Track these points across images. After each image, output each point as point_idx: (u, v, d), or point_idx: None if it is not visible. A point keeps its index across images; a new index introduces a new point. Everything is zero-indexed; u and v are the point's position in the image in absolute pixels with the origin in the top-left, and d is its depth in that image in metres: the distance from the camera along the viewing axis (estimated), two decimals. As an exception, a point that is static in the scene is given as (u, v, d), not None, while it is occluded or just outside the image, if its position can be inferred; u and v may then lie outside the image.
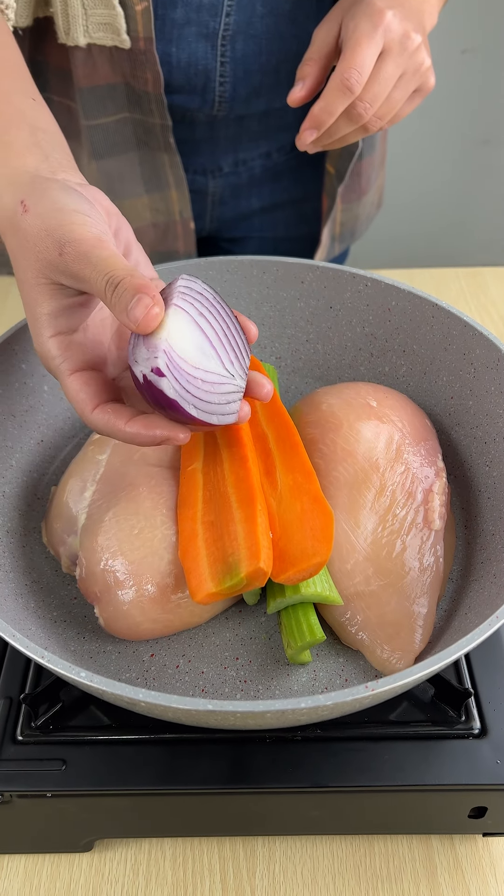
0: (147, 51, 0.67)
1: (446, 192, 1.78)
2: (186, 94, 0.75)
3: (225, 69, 0.74)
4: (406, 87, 0.62)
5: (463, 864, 0.51)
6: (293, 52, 0.75)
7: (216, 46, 0.72)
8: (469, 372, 0.59)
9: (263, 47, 0.74)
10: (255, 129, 0.83)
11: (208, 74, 0.74)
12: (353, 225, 0.94)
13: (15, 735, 0.49)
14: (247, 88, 0.76)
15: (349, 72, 0.58)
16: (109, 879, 0.51)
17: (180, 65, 0.72)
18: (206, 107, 0.77)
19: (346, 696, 0.37)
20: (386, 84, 0.60)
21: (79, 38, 0.66)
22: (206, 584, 0.46)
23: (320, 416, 0.57)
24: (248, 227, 0.94)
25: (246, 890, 0.50)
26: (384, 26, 0.59)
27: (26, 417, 0.60)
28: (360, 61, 0.58)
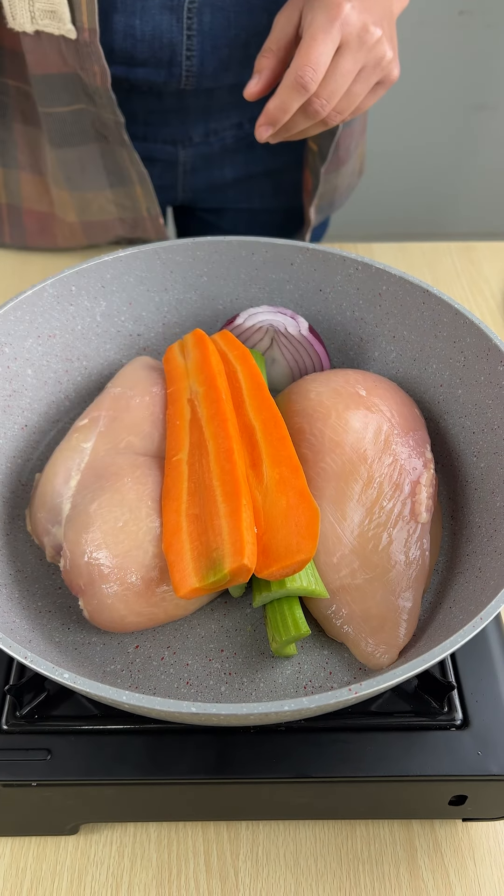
0: (91, 43, 0.65)
1: (440, 160, 1.75)
2: (152, 67, 0.73)
3: (192, 42, 0.71)
4: (367, 80, 0.61)
5: (442, 847, 0.52)
6: (263, 26, 0.73)
7: (181, 19, 0.69)
8: (459, 360, 0.59)
9: (232, 20, 0.71)
10: (226, 101, 0.81)
11: (174, 48, 0.71)
12: (333, 196, 0.92)
13: (0, 724, 0.49)
14: (214, 62, 0.74)
15: (304, 69, 0.56)
16: (95, 861, 0.52)
17: (144, 37, 0.70)
18: (172, 80, 0.74)
19: (329, 699, 0.37)
20: (343, 80, 0.59)
21: (25, 24, 0.64)
22: (190, 579, 0.46)
23: (308, 404, 0.56)
24: (223, 197, 0.92)
25: (230, 872, 0.51)
26: (341, 20, 0.57)
27: (10, 402, 0.59)
28: (314, 58, 0.56)
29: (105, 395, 0.58)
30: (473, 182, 1.79)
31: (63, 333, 0.63)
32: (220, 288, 0.67)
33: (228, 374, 0.57)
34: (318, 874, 0.51)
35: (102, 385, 0.65)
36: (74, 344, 0.64)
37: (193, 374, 0.58)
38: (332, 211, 0.97)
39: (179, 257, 0.65)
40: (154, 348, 0.67)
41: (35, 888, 0.50)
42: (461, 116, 1.67)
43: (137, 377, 0.59)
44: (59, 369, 0.63)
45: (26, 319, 0.60)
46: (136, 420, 0.56)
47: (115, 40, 0.70)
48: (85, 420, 0.56)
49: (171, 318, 0.67)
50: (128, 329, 0.66)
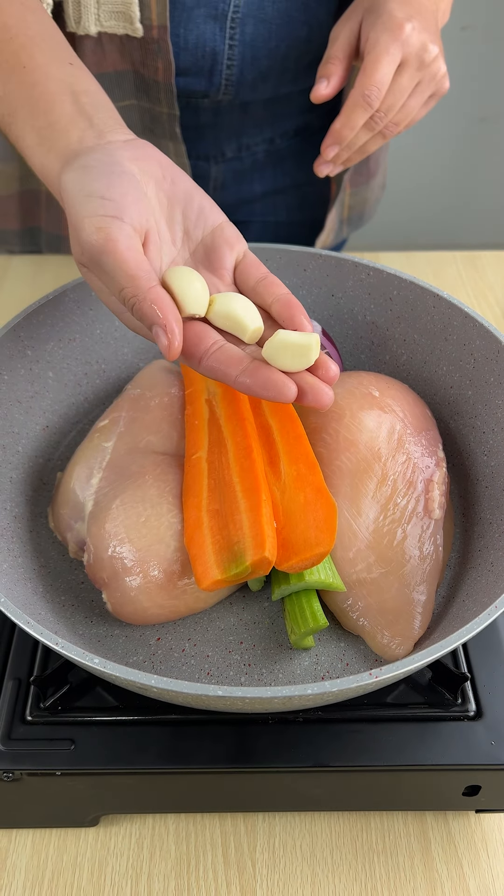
0: (161, 39, 0.67)
1: (444, 171, 1.77)
2: (193, 76, 0.74)
3: (233, 52, 0.73)
4: (422, 94, 0.64)
5: (456, 839, 0.53)
6: (303, 39, 0.75)
7: (225, 28, 0.72)
8: (469, 362, 0.60)
9: (273, 32, 0.73)
10: (260, 116, 0.83)
11: (216, 57, 0.73)
12: (362, 208, 0.94)
13: (24, 716, 0.50)
14: (254, 73, 0.76)
15: (370, 88, 0.59)
16: (115, 853, 0.53)
17: (188, 46, 0.72)
18: (212, 90, 0.76)
19: (350, 682, 0.39)
20: (402, 94, 0.62)
21: (90, 27, 0.65)
22: (212, 571, 0.47)
23: (323, 405, 0.57)
24: (249, 211, 0.94)
25: (247, 863, 0.52)
26: (403, 40, 0.60)
27: (32, 403, 0.61)
28: (379, 77, 0.59)
29: (124, 397, 0.59)
30: (476, 193, 1.81)
31: (83, 337, 0.64)
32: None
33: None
34: (333, 865, 0.52)
35: (120, 388, 0.66)
36: (94, 348, 0.65)
37: (210, 375, 0.59)
38: (361, 224, 0.99)
39: (195, 263, 0.66)
40: (170, 352, 0.69)
41: (56, 879, 0.51)
42: (464, 128, 1.70)
43: (156, 379, 0.61)
44: (78, 372, 0.64)
45: (48, 323, 0.62)
46: (155, 420, 0.57)
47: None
48: (105, 420, 0.58)
49: (187, 323, 0.69)
50: (145, 333, 0.68)
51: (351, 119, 0.61)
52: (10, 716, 0.50)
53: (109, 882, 0.51)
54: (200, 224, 0.49)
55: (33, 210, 0.90)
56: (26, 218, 0.91)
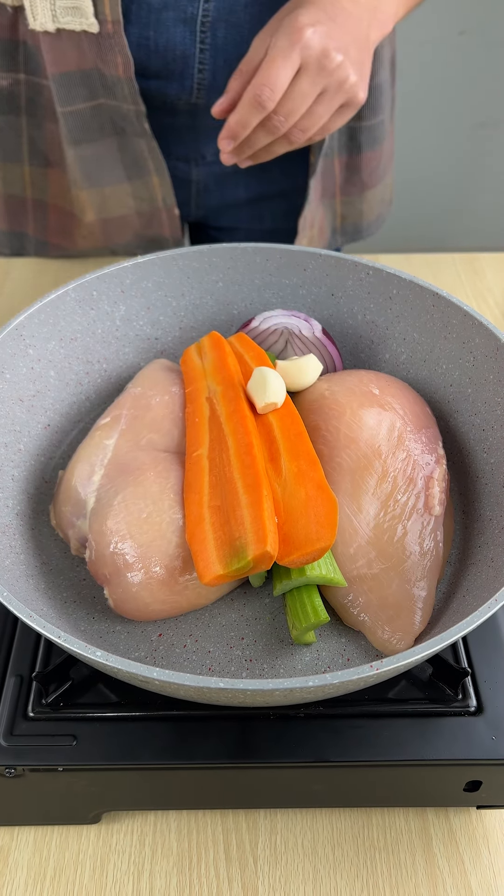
0: (115, 33, 0.67)
1: (442, 175, 1.78)
2: (164, 79, 0.75)
3: (204, 56, 0.74)
4: (329, 102, 0.63)
5: (457, 836, 0.53)
6: None
7: (195, 32, 0.72)
8: (468, 360, 0.61)
9: (245, 37, 0.74)
10: None
11: (186, 60, 0.74)
12: (358, 220, 0.94)
13: (26, 712, 0.50)
14: (226, 77, 0.76)
15: (260, 88, 0.60)
16: (116, 850, 0.53)
17: (158, 49, 0.73)
18: (184, 93, 0.77)
19: (351, 675, 0.39)
20: (302, 100, 0.62)
21: (47, 23, 0.66)
22: (214, 566, 0.48)
23: (323, 403, 0.58)
24: (235, 217, 0.94)
25: (249, 860, 0.52)
26: (302, 44, 0.60)
27: (34, 402, 0.61)
28: (272, 78, 0.59)
29: (126, 395, 0.60)
30: (475, 197, 1.82)
31: (84, 337, 0.65)
32: (236, 293, 0.69)
33: (245, 374, 0.59)
34: (335, 862, 0.52)
35: (122, 387, 0.66)
36: (95, 347, 0.66)
37: (211, 373, 0.59)
38: (359, 237, 0.98)
39: (196, 263, 0.67)
40: (171, 352, 0.69)
41: (58, 876, 0.51)
42: (462, 133, 1.71)
43: (156, 378, 0.61)
44: (80, 371, 0.65)
45: (49, 322, 0.62)
46: (156, 418, 0.58)
47: (130, 50, 0.73)
48: (107, 419, 0.58)
49: (188, 323, 0.69)
50: (146, 333, 0.68)
51: (243, 116, 0.61)
52: (12, 712, 0.50)
53: (111, 879, 0.51)
54: None
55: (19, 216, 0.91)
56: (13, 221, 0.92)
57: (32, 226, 0.92)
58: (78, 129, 0.77)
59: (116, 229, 0.88)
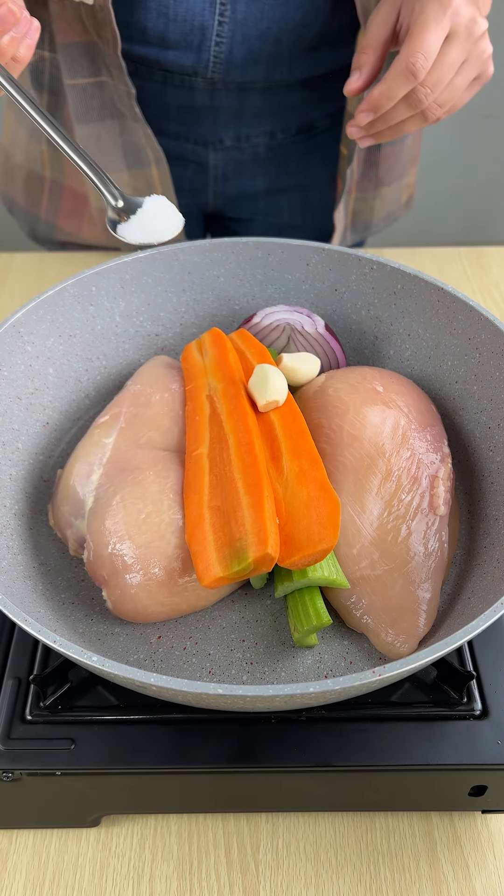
0: (104, 7, 0.67)
1: (448, 168, 1.76)
2: (182, 49, 0.74)
3: (223, 29, 0.73)
4: (467, 73, 0.61)
5: (462, 840, 0.53)
6: (297, 22, 0.74)
7: (215, 4, 0.71)
8: (474, 357, 0.59)
9: (266, 13, 0.73)
10: (258, 105, 0.82)
11: (205, 32, 0.73)
12: (369, 216, 0.93)
13: (24, 715, 0.49)
14: (244, 53, 0.75)
15: (415, 55, 0.56)
16: (116, 853, 0.52)
17: (177, 18, 0.72)
18: (200, 66, 0.76)
19: (353, 681, 0.38)
20: (449, 69, 0.59)
21: None
22: (214, 568, 0.47)
23: (326, 400, 0.57)
24: (253, 208, 0.93)
25: (250, 864, 0.51)
26: (453, 9, 0.57)
27: (32, 400, 0.60)
28: (427, 45, 0.56)
29: (125, 393, 0.59)
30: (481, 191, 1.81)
31: (83, 333, 0.64)
32: (237, 288, 0.68)
33: (246, 371, 0.58)
34: (338, 866, 0.52)
35: (121, 384, 0.66)
36: (94, 343, 0.65)
37: (212, 370, 0.59)
38: (367, 234, 0.97)
39: (197, 258, 0.66)
40: (172, 348, 0.68)
41: (57, 880, 0.51)
42: (468, 125, 1.69)
43: (156, 375, 0.60)
44: (79, 368, 0.64)
45: (48, 319, 0.61)
46: (155, 416, 0.57)
47: (149, 18, 0.72)
48: (106, 416, 0.57)
49: (189, 319, 0.68)
50: (146, 329, 0.67)
51: (391, 88, 0.57)
52: (9, 715, 0.49)
53: (111, 883, 0.51)
54: None
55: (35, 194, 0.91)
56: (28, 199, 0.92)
57: (45, 206, 0.92)
58: (81, 106, 0.77)
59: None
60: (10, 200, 0.97)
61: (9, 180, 0.95)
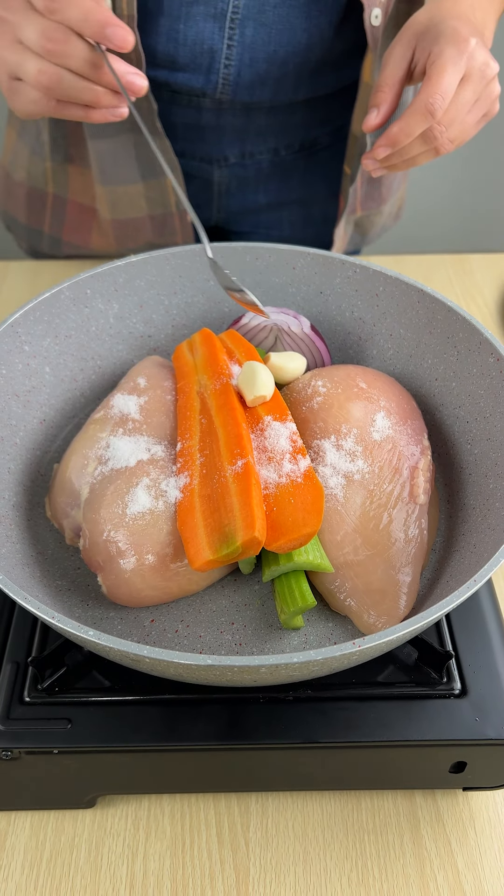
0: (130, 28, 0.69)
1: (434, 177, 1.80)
2: (191, 72, 0.77)
3: (231, 52, 0.76)
4: (478, 111, 0.65)
5: (444, 818, 0.55)
6: (303, 45, 0.77)
7: (224, 28, 0.74)
8: (452, 355, 0.62)
9: (273, 36, 0.76)
10: (263, 123, 0.85)
11: (214, 55, 0.76)
12: (367, 230, 0.96)
13: (22, 696, 0.51)
14: (252, 75, 0.78)
15: (434, 96, 0.60)
16: (111, 833, 0.54)
17: (187, 42, 0.75)
18: (209, 87, 0.78)
19: (335, 651, 0.40)
20: (463, 109, 0.63)
21: None
22: (204, 552, 0.49)
23: (312, 396, 0.59)
24: (254, 222, 0.96)
25: (240, 842, 0.53)
26: (469, 53, 0.61)
27: (29, 398, 0.63)
28: (444, 87, 0.60)
29: (119, 390, 0.61)
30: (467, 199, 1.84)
31: (78, 334, 0.66)
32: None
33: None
34: (325, 844, 0.54)
35: (115, 383, 0.68)
36: (89, 344, 0.67)
37: (202, 368, 0.61)
38: (362, 245, 1.01)
39: (188, 262, 0.69)
40: (164, 349, 0.71)
41: (54, 859, 0.53)
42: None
43: (149, 373, 0.63)
44: (74, 368, 0.66)
45: (44, 320, 0.64)
46: (148, 411, 0.59)
47: (160, 42, 0.75)
48: (100, 413, 0.60)
49: (180, 321, 0.71)
50: (139, 330, 0.70)
51: (409, 125, 0.61)
52: (8, 696, 0.51)
53: (106, 861, 0.53)
54: None
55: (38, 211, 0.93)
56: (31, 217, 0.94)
57: (49, 222, 0.94)
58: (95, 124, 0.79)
59: (129, 233, 0.90)
60: (10, 218, 0.99)
61: (8, 198, 0.96)
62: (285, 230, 0.97)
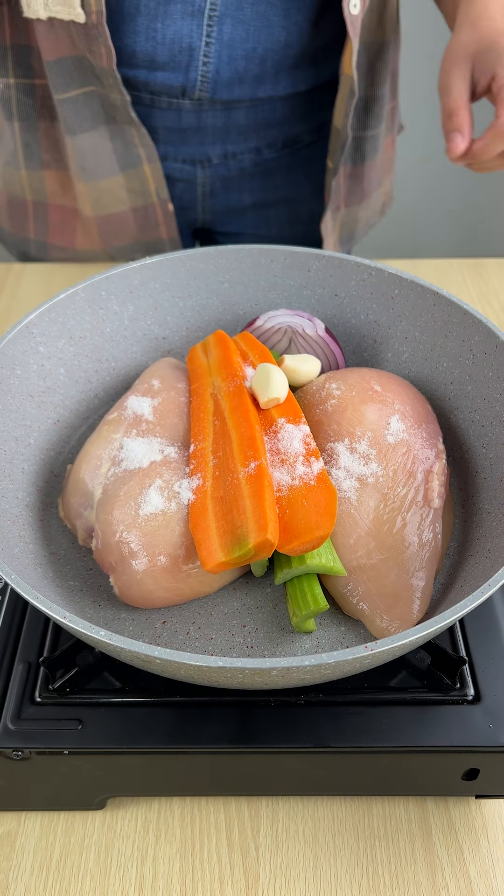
0: (98, 24, 0.70)
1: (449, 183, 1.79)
2: (170, 70, 0.78)
3: (210, 49, 0.76)
4: None
5: (456, 825, 0.54)
6: (281, 43, 0.78)
7: (202, 25, 0.75)
8: (468, 358, 0.62)
9: (251, 34, 0.76)
10: (243, 122, 0.85)
11: (192, 53, 0.76)
12: (353, 228, 0.97)
13: (34, 697, 0.51)
14: (230, 72, 0.78)
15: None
16: (121, 835, 0.54)
17: (165, 40, 0.75)
18: (188, 86, 0.79)
19: (347, 655, 0.40)
20: None
21: (39, 11, 0.71)
22: (216, 553, 0.49)
23: (326, 399, 0.59)
24: (241, 222, 0.96)
25: (250, 847, 0.53)
26: None
27: (44, 398, 0.63)
28: None
29: (133, 391, 0.61)
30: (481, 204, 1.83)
31: (93, 335, 0.66)
32: (241, 294, 0.70)
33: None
34: (336, 850, 0.53)
35: (129, 384, 0.68)
36: (104, 346, 0.67)
37: (216, 370, 0.61)
38: (352, 244, 1.01)
39: (202, 265, 0.69)
40: (178, 351, 0.71)
41: (63, 861, 0.53)
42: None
43: (163, 374, 0.63)
44: (89, 369, 0.66)
45: (59, 321, 0.64)
46: (162, 412, 0.59)
47: (138, 42, 0.75)
48: (114, 414, 0.60)
49: (195, 323, 0.71)
50: (153, 332, 0.70)
51: (490, 146, 0.69)
52: (19, 697, 0.51)
53: (116, 864, 0.53)
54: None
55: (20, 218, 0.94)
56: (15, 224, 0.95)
57: (33, 227, 0.95)
58: (73, 117, 0.80)
59: (113, 229, 0.90)
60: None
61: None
62: (273, 229, 0.98)
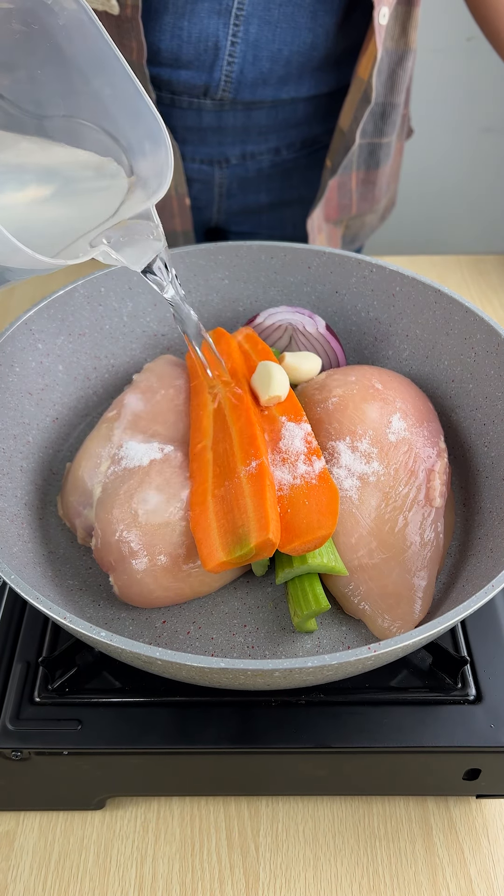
0: (132, 18, 0.69)
1: (448, 180, 1.79)
2: (194, 69, 0.77)
3: (235, 49, 0.76)
4: None
5: (457, 825, 0.54)
6: (307, 45, 0.77)
7: (228, 24, 0.74)
8: (470, 356, 0.61)
9: (277, 35, 0.75)
10: (264, 123, 0.85)
11: (218, 52, 0.76)
12: (358, 231, 0.96)
13: (33, 697, 0.51)
14: (255, 73, 0.78)
15: None
16: (120, 835, 0.54)
17: (191, 39, 0.75)
18: (212, 85, 0.78)
19: (349, 656, 0.40)
20: None
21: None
22: (217, 553, 0.48)
23: (327, 397, 0.59)
24: (256, 222, 0.96)
25: (250, 847, 0.53)
26: None
27: (42, 396, 0.62)
28: None
29: (132, 389, 0.61)
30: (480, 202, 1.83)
31: (92, 332, 0.66)
32: (241, 290, 0.70)
33: (250, 368, 0.60)
34: (336, 850, 0.53)
35: (129, 381, 0.68)
36: (103, 342, 0.67)
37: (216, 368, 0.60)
38: (353, 247, 1.01)
39: (202, 261, 0.68)
40: (177, 348, 0.70)
41: (62, 861, 0.52)
42: (468, 139, 1.72)
43: (162, 372, 0.62)
44: (88, 366, 0.66)
45: (58, 318, 0.63)
46: (161, 410, 0.59)
47: (163, 39, 0.75)
48: (113, 411, 0.59)
49: (194, 320, 0.70)
50: (153, 329, 0.69)
51: None
52: (18, 697, 0.51)
53: (115, 864, 0.52)
54: None
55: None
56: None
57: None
58: None
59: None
60: None
61: None
62: (287, 229, 0.97)
